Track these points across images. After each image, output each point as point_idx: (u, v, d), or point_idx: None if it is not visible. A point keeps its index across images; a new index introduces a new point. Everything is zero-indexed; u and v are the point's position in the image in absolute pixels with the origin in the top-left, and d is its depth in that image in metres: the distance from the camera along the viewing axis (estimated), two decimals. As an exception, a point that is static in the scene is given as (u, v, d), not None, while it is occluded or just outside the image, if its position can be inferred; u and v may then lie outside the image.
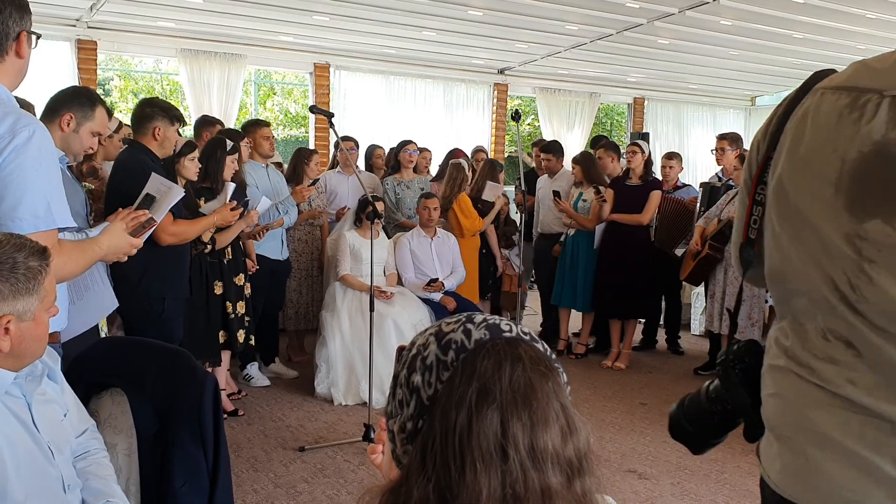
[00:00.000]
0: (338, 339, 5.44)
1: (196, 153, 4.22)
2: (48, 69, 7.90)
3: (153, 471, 2.04)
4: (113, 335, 3.58)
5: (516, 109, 5.57)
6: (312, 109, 4.59)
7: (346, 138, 7.04)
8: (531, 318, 8.04)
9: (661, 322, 7.25)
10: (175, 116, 3.84)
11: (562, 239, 6.70)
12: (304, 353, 6.42)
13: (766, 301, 5.83)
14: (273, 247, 5.61)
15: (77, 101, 2.96)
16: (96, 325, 2.93)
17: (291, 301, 6.28)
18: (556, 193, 6.41)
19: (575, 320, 6.92)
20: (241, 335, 4.90)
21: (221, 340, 4.82)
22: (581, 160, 6.61)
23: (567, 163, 7.22)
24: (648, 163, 6.35)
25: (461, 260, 6.14)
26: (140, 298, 3.61)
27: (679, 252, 6.63)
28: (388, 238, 6.09)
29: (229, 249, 4.80)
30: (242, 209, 4.31)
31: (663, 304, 7.13)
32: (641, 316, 6.60)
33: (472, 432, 0.90)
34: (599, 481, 0.99)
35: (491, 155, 9.71)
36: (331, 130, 4.65)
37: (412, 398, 0.97)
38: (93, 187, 4.15)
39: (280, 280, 5.87)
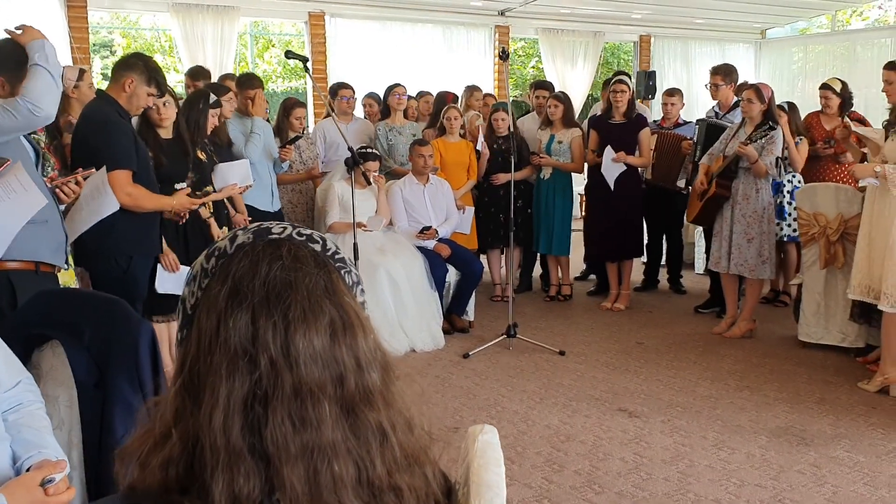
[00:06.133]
0: (330, 291, 5.39)
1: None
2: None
3: (94, 421, 2.02)
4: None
5: (503, 48, 5.41)
6: (287, 55, 4.48)
7: (344, 85, 6.88)
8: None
9: (663, 262, 7.15)
10: (156, 79, 3.61)
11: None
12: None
13: (777, 235, 5.64)
14: (262, 197, 5.44)
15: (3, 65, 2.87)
16: (55, 275, 2.89)
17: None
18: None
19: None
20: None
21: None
22: (564, 99, 6.49)
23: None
24: (631, 100, 6.21)
25: (455, 206, 6.06)
26: (106, 255, 3.54)
27: (681, 184, 6.48)
28: (381, 186, 6.01)
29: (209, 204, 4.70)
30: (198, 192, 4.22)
31: (664, 243, 7.04)
32: (634, 255, 6.50)
33: (220, 334, 0.88)
34: (390, 384, 0.95)
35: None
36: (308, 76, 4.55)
37: (181, 311, 0.96)
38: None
39: (272, 232, 5.75)
